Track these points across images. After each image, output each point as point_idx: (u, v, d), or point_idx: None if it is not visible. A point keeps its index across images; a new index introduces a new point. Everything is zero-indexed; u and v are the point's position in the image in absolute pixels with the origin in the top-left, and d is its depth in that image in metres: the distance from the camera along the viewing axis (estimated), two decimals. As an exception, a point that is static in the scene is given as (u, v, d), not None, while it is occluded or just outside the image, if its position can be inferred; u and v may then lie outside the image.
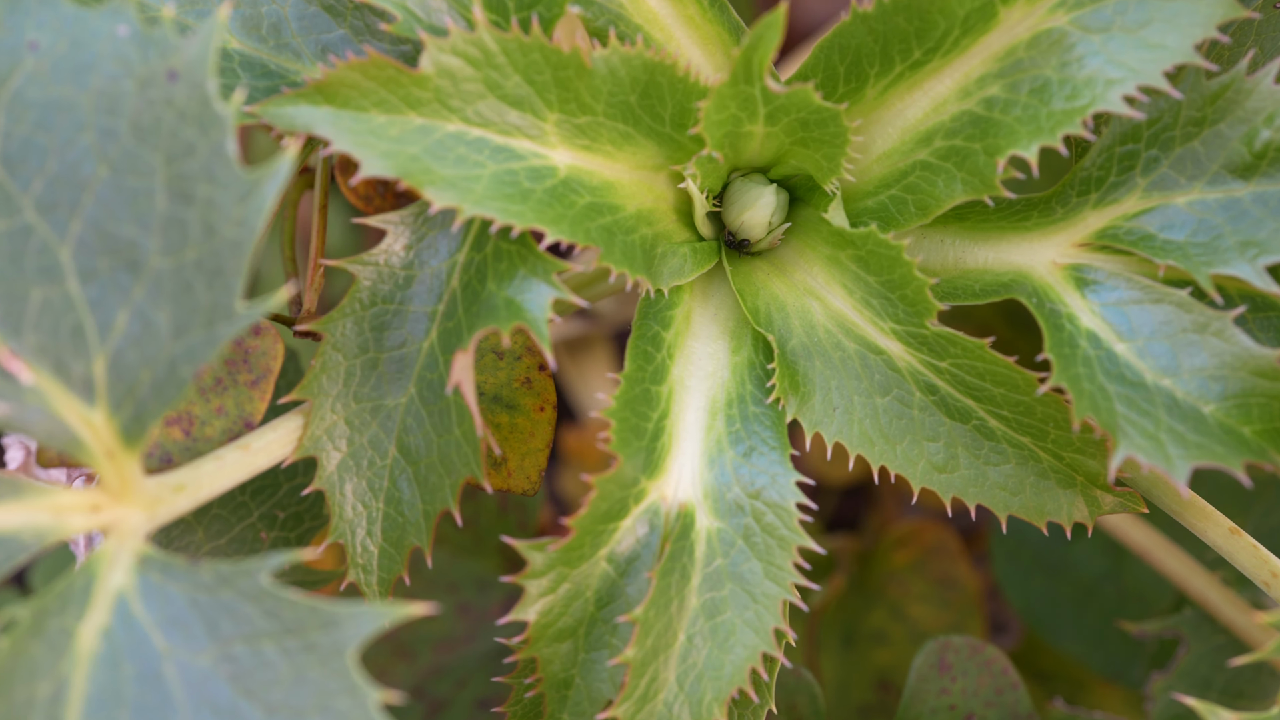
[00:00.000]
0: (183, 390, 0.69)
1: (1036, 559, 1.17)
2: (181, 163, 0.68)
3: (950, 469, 0.82)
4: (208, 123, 0.68)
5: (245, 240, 0.68)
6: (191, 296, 0.68)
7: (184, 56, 0.68)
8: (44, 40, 0.69)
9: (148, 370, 0.69)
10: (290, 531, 0.93)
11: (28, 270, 0.69)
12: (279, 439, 0.79)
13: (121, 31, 0.69)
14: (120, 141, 0.68)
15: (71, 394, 0.69)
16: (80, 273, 0.69)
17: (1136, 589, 1.15)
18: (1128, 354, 0.78)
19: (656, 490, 0.79)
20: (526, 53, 0.75)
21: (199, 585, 0.68)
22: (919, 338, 0.81)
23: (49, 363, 0.69)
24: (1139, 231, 0.79)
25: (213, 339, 0.68)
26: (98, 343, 0.69)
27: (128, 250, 0.69)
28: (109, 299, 0.69)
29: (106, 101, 0.69)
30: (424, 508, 0.80)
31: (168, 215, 0.68)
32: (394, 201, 0.94)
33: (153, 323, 0.69)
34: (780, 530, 0.80)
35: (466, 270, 0.79)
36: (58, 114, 0.69)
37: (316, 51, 0.81)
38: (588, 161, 0.78)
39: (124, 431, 0.69)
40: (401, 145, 0.74)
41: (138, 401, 0.69)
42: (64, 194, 0.69)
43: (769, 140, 0.81)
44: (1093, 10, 0.77)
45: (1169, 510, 0.84)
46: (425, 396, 0.79)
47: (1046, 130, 0.77)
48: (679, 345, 0.82)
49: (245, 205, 0.68)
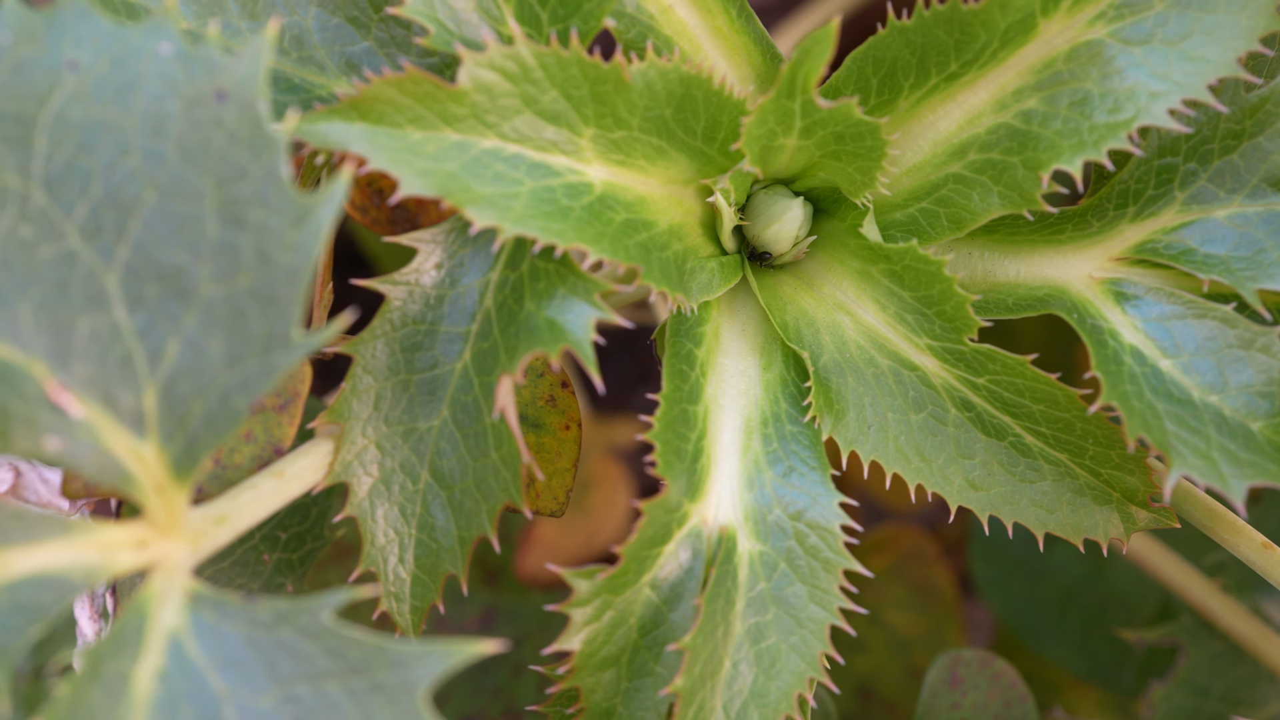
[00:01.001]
0: (237, 422, 0.66)
1: (1016, 563, 1.17)
2: (233, 186, 0.66)
3: (986, 486, 0.81)
4: (259, 145, 0.66)
5: (301, 267, 0.65)
6: (245, 325, 0.66)
7: (232, 75, 0.66)
8: (84, 59, 0.66)
9: (200, 401, 0.66)
10: (293, 553, 0.91)
11: (74, 298, 0.66)
12: (312, 465, 0.77)
13: (165, 49, 0.66)
14: (167, 164, 0.66)
15: (121, 427, 0.66)
16: (128, 300, 0.66)
17: (1119, 593, 1.15)
18: (1173, 370, 0.77)
19: (698, 514, 0.78)
20: (564, 67, 0.73)
21: (256, 624, 0.66)
22: (956, 354, 0.80)
23: (98, 394, 0.66)
24: (1179, 245, 0.79)
25: (269, 369, 0.66)
26: (147, 373, 0.66)
27: (177, 277, 0.66)
28: (158, 327, 0.66)
29: (151, 123, 0.66)
30: (459, 534, 0.78)
31: (219, 241, 0.66)
32: (389, 212, 0.92)
33: (205, 352, 0.66)
34: (824, 552, 0.79)
35: (501, 289, 0.77)
36: (101, 136, 0.66)
37: (341, 65, 0.78)
38: (622, 177, 0.77)
39: (175, 465, 0.67)
40: (439, 163, 0.72)
41: (189, 434, 0.66)
42: (109, 219, 0.66)
43: (799, 153, 0.79)
44: (1133, 22, 0.76)
45: (1197, 524, 0.83)
46: (459, 419, 0.77)
47: (1090, 144, 0.76)
48: (711, 363, 0.81)
49: (300, 231, 0.65)
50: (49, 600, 0.65)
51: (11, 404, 0.65)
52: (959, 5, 0.75)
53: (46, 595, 0.65)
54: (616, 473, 1.31)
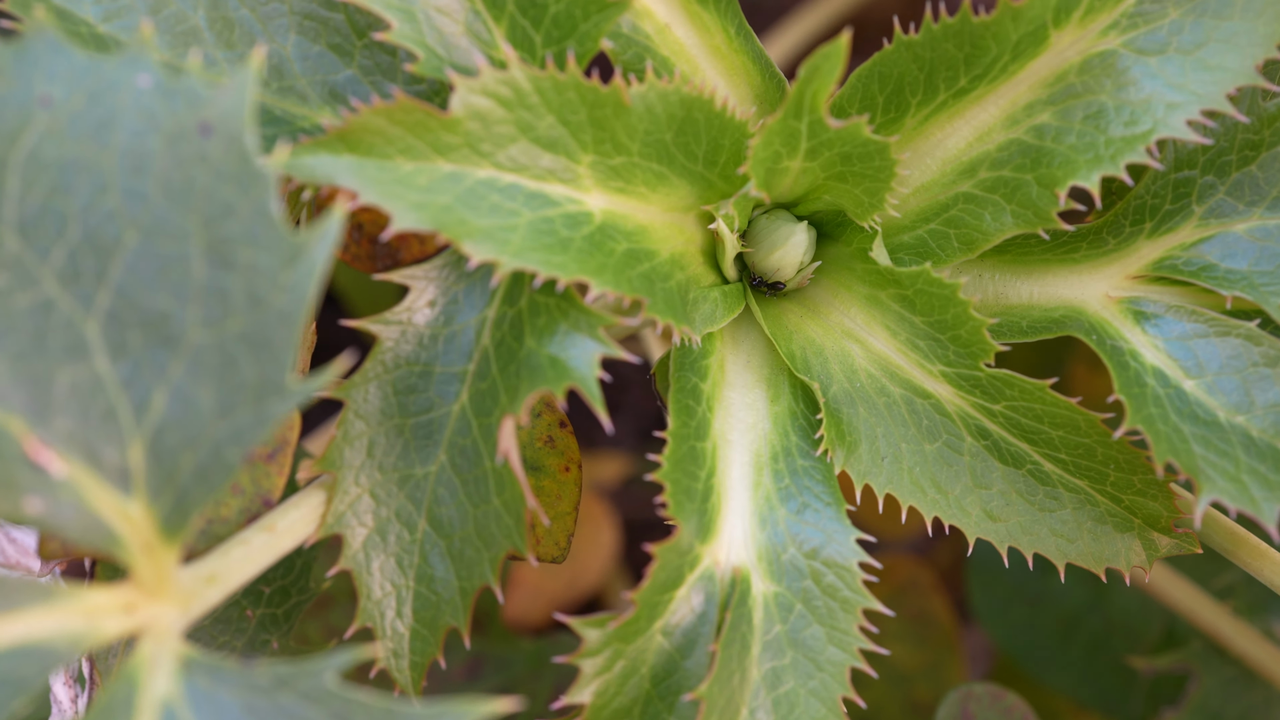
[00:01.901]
0: (230, 475, 0.62)
1: (1015, 591, 1.14)
2: (220, 225, 0.62)
3: (1004, 517, 0.78)
4: (247, 181, 0.62)
5: (295, 309, 0.62)
6: (236, 372, 0.62)
7: (217, 108, 0.62)
8: (57, 94, 0.62)
9: (190, 454, 0.62)
10: (277, 608, 0.87)
11: (52, 349, 0.62)
12: (303, 517, 0.73)
13: (143, 82, 0.62)
14: (149, 204, 0.62)
15: (106, 484, 0.62)
16: (110, 349, 0.62)
17: (1122, 619, 1.12)
18: (1197, 391, 0.74)
19: (709, 555, 0.74)
20: (561, 91, 0.70)
21: (254, 689, 0.62)
22: (972, 380, 0.77)
23: (80, 451, 0.62)
24: (1198, 261, 0.76)
25: (263, 418, 0.62)
26: (133, 426, 0.62)
27: (162, 323, 0.62)
28: (143, 377, 0.62)
29: (131, 160, 0.62)
30: (460, 584, 0.74)
31: (206, 283, 0.62)
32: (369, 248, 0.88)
33: (194, 402, 0.62)
34: (842, 591, 0.75)
35: (499, 327, 0.73)
36: (77, 175, 0.62)
37: (324, 95, 0.75)
38: (622, 205, 0.73)
39: (164, 523, 0.63)
40: (432, 195, 0.68)
41: (179, 489, 0.63)
42: (88, 263, 0.62)
43: (803, 176, 0.76)
44: (1147, 32, 0.74)
45: (1219, 549, 0.80)
46: (458, 464, 0.74)
47: (1107, 158, 0.73)
48: (717, 397, 0.77)
49: (293, 270, 0.62)
50: (32, 672, 0.61)
51: (-11, 463, 0.61)
52: (969, 18, 0.72)
53: (29, 667, 0.61)
54: (600, 511, 1.27)
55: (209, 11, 0.74)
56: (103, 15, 0.73)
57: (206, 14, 0.74)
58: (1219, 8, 0.73)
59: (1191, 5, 0.73)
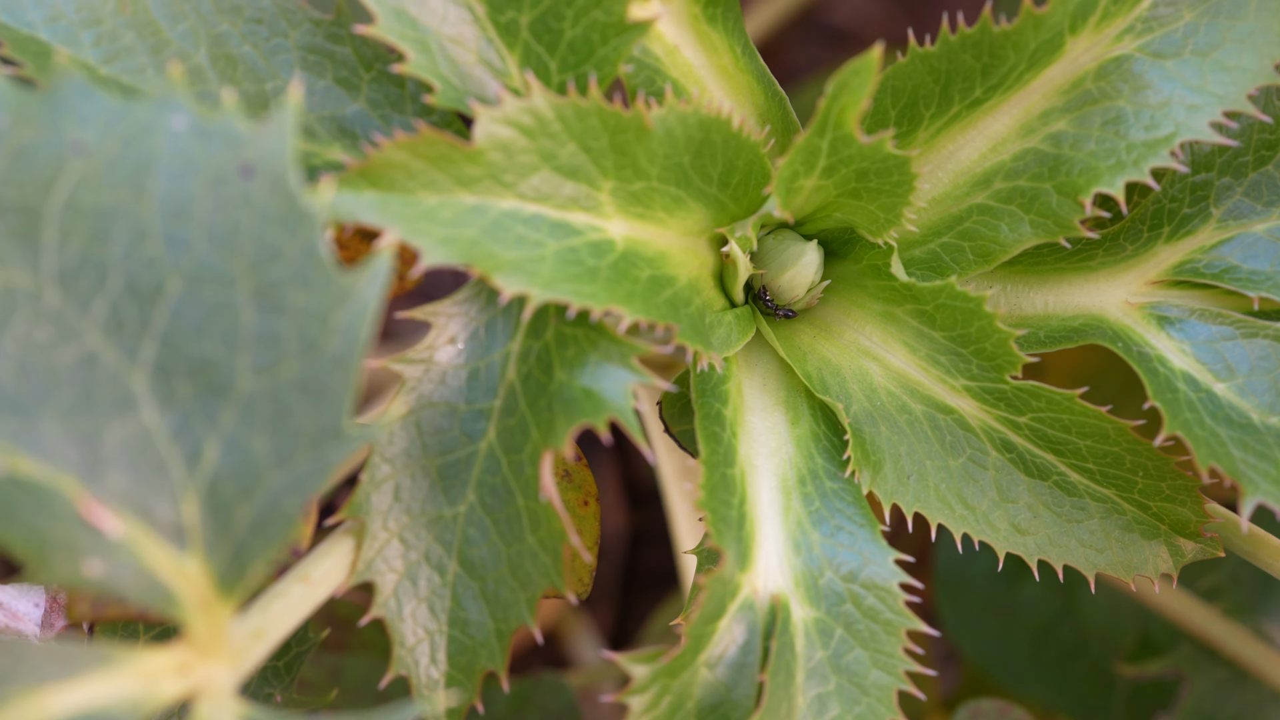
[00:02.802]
0: (289, 526, 0.60)
1: (985, 602, 1.13)
2: (267, 269, 0.60)
3: (1032, 530, 0.77)
4: (294, 221, 0.60)
5: (349, 352, 0.60)
6: (291, 419, 0.60)
7: (258, 148, 0.60)
8: (90, 139, 0.59)
9: (246, 506, 0.60)
10: (279, 660, 0.84)
11: (99, 404, 0.59)
12: (336, 566, 0.71)
13: (178, 124, 0.60)
14: (192, 250, 0.60)
15: (160, 541, 0.60)
16: (158, 401, 0.60)
17: (1095, 627, 1.12)
18: (1228, 394, 0.74)
19: (748, 584, 0.73)
20: (583, 118, 0.68)
21: (321, 747, 0.60)
22: (996, 394, 0.76)
23: (133, 508, 0.60)
24: (1220, 264, 0.76)
25: (321, 466, 0.60)
26: (185, 479, 0.60)
27: (212, 372, 0.60)
28: (194, 428, 0.60)
29: (171, 205, 0.60)
30: (495, 626, 0.72)
31: (256, 329, 0.60)
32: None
33: (248, 452, 0.60)
34: (884, 614, 0.74)
35: (524, 360, 0.71)
36: (115, 223, 0.59)
37: (333, 130, 0.73)
38: (642, 231, 0.72)
39: (221, 578, 0.61)
40: (458, 229, 0.66)
41: (236, 543, 0.60)
42: (131, 314, 0.60)
43: (815, 194, 0.75)
44: (1162, 35, 0.73)
45: (1239, 552, 0.80)
46: (488, 503, 0.72)
47: (1130, 164, 0.73)
48: (739, 422, 0.76)
49: (345, 312, 0.60)
50: (95, 741, 0.59)
51: (44, 527, 0.58)
52: (989, 27, 0.71)
53: (90, 735, 0.59)
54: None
55: (211, 50, 0.72)
56: (103, 58, 0.71)
57: (209, 52, 0.71)
58: (1233, 8, 0.73)
59: (1206, 6, 0.73)
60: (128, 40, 0.71)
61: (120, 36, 0.71)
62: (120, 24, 0.71)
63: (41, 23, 0.70)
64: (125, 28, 0.71)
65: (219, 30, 0.72)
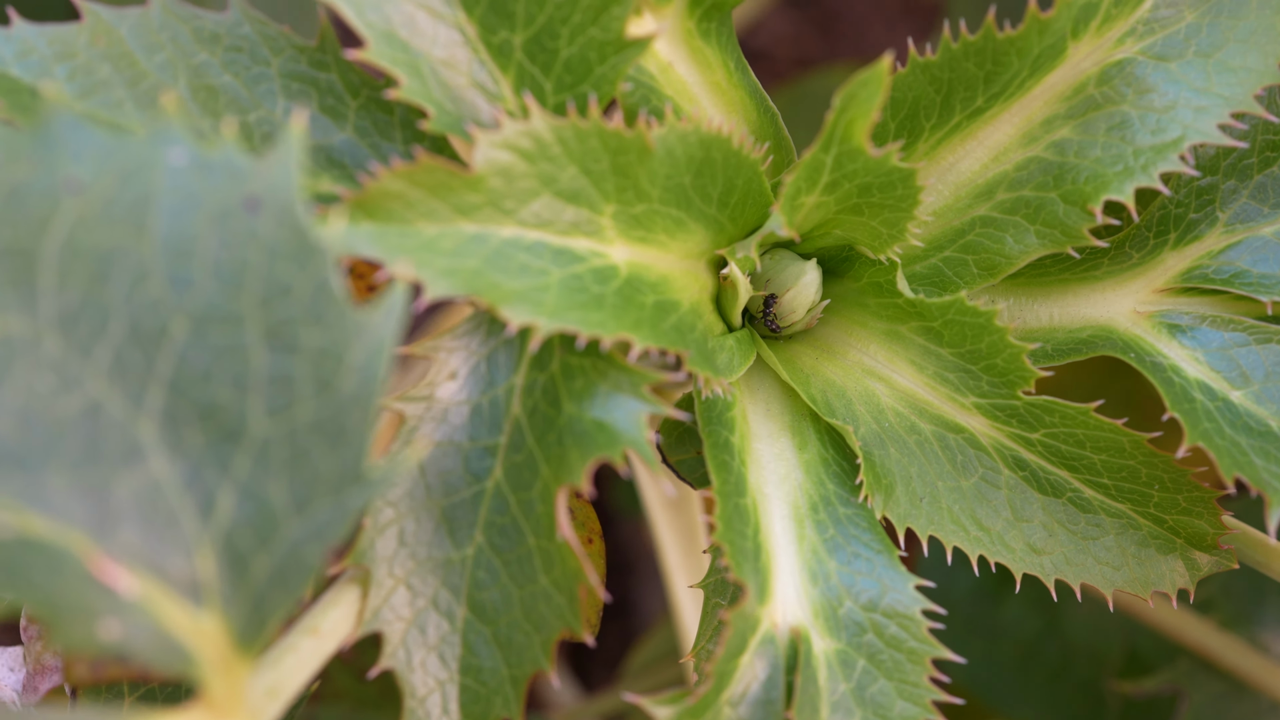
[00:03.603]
0: (309, 576, 0.57)
1: (968, 624, 1.12)
2: (278, 306, 0.57)
3: (1048, 549, 0.75)
4: (305, 256, 0.57)
5: (367, 391, 0.57)
6: (309, 463, 0.57)
7: (263, 180, 0.57)
8: (84, 176, 0.56)
9: (264, 557, 0.57)
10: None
11: (106, 455, 0.56)
12: (344, 616, 0.68)
13: (176, 159, 0.57)
14: (197, 289, 0.56)
15: (176, 597, 0.57)
16: (167, 449, 0.57)
17: (1081, 644, 1.11)
18: (1245, 402, 0.73)
19: (767, 617, 0.70)
20: (583, 140, 0.66)
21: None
22: (1008, 410, 0.74)
23: (146, 563, 0.56)
24: (1229, 268, 0.74)
25: (342, 511, 0.57)
26: (199, 531, 0.57)
27: (223, 417, 0.57)
28: (206, 477, 0.57)
29: (174, 243, 0.56)
30: (509, 672, 0.69)
31: (268, 370, 0.57)
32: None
33: (264, 500, 0.57)
34: (908, 642, 0.72)
35: (529, 394, 0.69)
36: (116, 264, 0.56)
37: (321, 160, 0.70)
38: (644, 255, 0.69)
39: (240, 635, 0.57)
40: (460, 259, 0.64)
41: (255, 597, 0.57)
42: (135, 359, 0.56)
43: (816, 211, 0.73)
44: (1164, 37, 0.72)
45: (1254, 564, 0.78)
46: (497, 544, 0.69)
47: (1139, 169, 0.71)
48: (747, 450, 0.74)
49: (361, 348, 0.57)
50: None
51: (56, 588, 0.55)
52: (993, 34, 0.70)
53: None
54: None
55: (190, 80, 0.68)
56: (79, 92, 0.67)
57: (188, 83, 0.68)
58: (1234, 7, 0.72)
59: (1207, 7, 0.72)
60: (103, 73, 0.68)
61: (95, 70, 0.67)
62: (94, 56, 0.68)
63: (12, 58, 0.67)
64: (100, 60, 0.68)
65: (198, 60, 0.69)
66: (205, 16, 0.69)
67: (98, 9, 0.68)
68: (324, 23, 0.69)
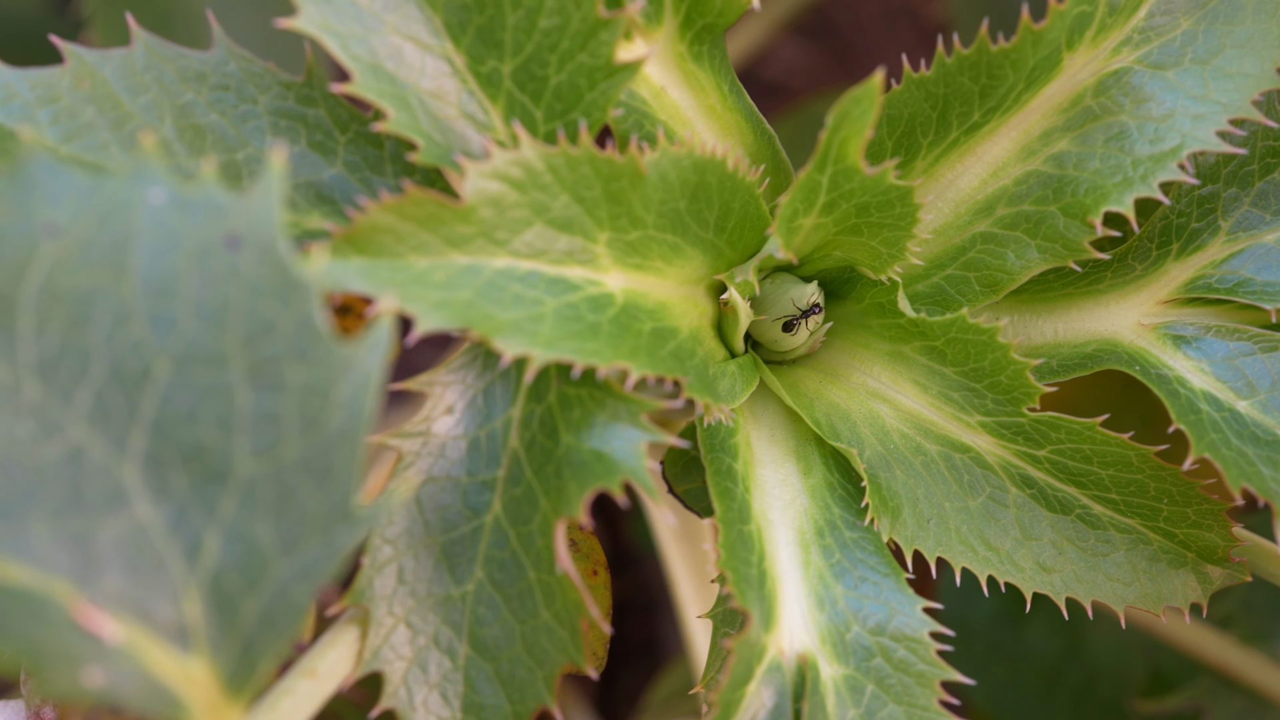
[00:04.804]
0: (299, 618, 0.56)
1: (991, 648, 1.10)
2: (261, 344, 0.56)
3: (1058, 567, 0.74)
4: (287, 292, 0.56)
5: (354, 427, 0.56)
6: (296, 502, 0.56)
7: (244, 217, 0.56)
8: (62, 219, 0.56)
9: (253, 599, 0.56)
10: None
11: (89, 501, 0.55)
12: (342, 657, 0.67)
13: (155, 198, 0.56)
14: (179, 330, 0.56)
15: (163, 643, 0.56)
16: (151, 493, 0.56)
17: (1105, 664, 1.09)
18: (1252, 411, 0.72)
19: (774, 645, 0.69)
20: (574, 167, 0.65)
21: None
22: (1014, 428, 0.73)
23: (132, 610, 0.56)
24: (1232, 277, 0.73)
25: (331, 550, 0.56)
26: (185, 575, 0.56)
27: (207, 458, 0.56)
28: (192, 520, 0.56)
29: (154, 283, 0.56)
30: (512, 709, 0.69)
31: (253, 409, 0.56)
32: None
33: (251, 541, 0.56)
34: (916, 665, 0.71)
35: (527, 426, 0.68)
36: (96, 306, 0.56)
37: (311, 198, 0.69)
38: (640, 282, 0.68)
39: (229, 679, 0.57)
40: (452, 291, 0.63)
41: (244, 640, 0.56)
42: (117, 402, 0.56)
43: (814, 233, 0.72)
44: (1160, 45, 0.71)
45: (1266, 575, 0.77)
46: (497, 579, 0.68)
47: (1138, 179, 0.70)
48: (751, 476, 0.73)
49: (347, 385, 0.56)
50: None
51: (39, 636, 0.54)
52: (987, 47, 0.69)
53: None
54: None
55: (176, 120, 0.68)
56: (63, 136, 0.67)
57: (174, 123, 0.68)
58: (1230, 12, 0.71)
59: (1202, 13, 0.71)
60: (88, 116, 0.67)
61: (80, 113, 0.67)
62: (78, 99, 0.67)
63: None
64: (84, 103, 0.67)
65: (184, 100, 0.68)
66: (190, 55, 0.68)
67: (80, 51, 0.68)
68: (310, 58, 0.69)
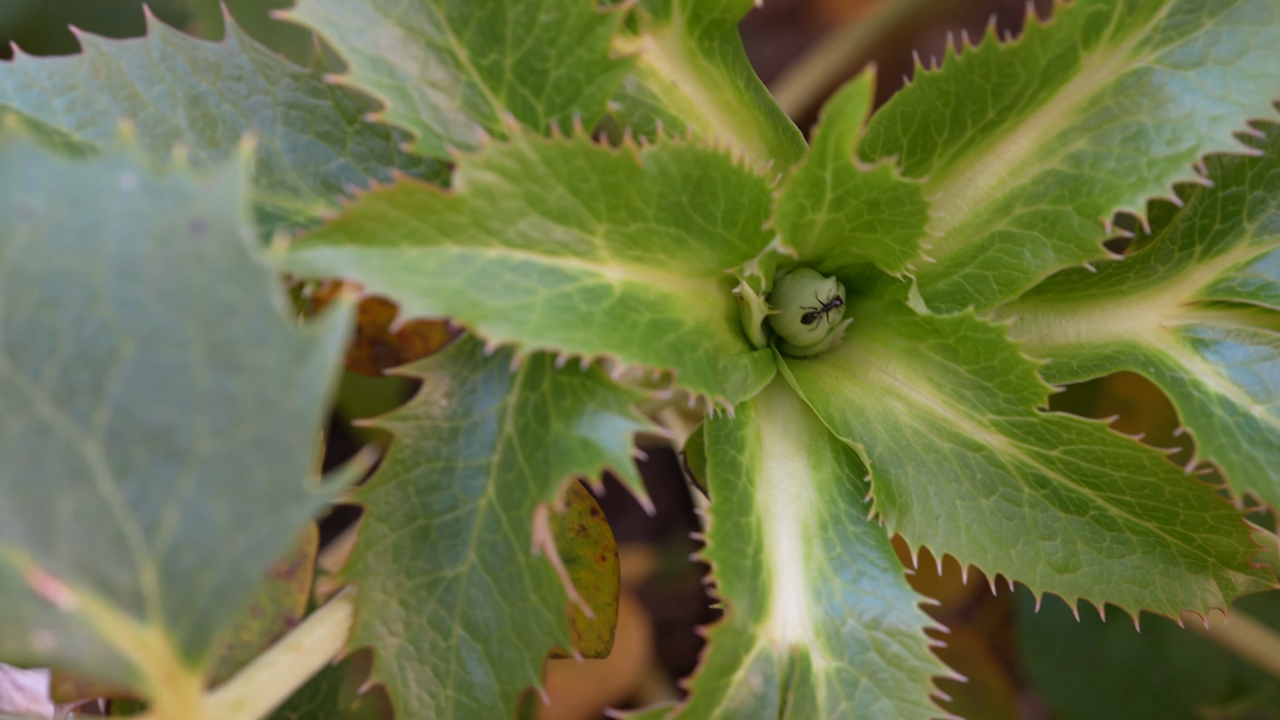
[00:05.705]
0: (251, 592, 0.58)
1: (1070, 653, 1.09)
2: (221, 327, 0.58)
3: (1072, 569, 0.74)
4: (247, 277, 0.58)
5: (308, 409, 0.57)
6: (250, 481, 0.58)
7: (208, 203, 0.58)
8: (36, 203, 0.58)
9: (207, 573, 0.58)
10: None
11: (51, 474, 0.58)
12: (330, 632, 0.69)
13: (127, 184, 0.58)
14: (144, 311, 0.58)
15: (120, 612, 0.58)
16: (113, 469, 0.58)
17: (1186, 671, 1.08)
18: (1267, 416, 0.70)
19: (765, 635, 0.70)
20: (569, 159, 0.66)
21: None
22: (1025, 427, 0.73)
23: (89, 579, 0.58)
24: (1255, 281, 0.72)
25: (282, 528, 0.58)
26: (144, 548, 0.58)
27: (167, 436, 0.58)
28: (151, 495, 0.58)
29: (121, 266, 0.58)
30: (501, 689, 0.70)
31: (212, 390, 0.58)
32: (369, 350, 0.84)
33: (207, 517, 0.58)
34: (909, 660, 0.71)
35: (521, 413, 0.69)
36: (65, 287, 0.58)
37: (317, 186, 0.71)
38: (641, 274, 0.69)
39: (184, 649, 0.58)
40: (441, 279, 0.64)
41: (198, 611, 0.58)
42: (83, 380, 0.58)
43: (829, 228, 0.72)
44: (1182, 45, 0.70)
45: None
46: (489, 562, 0.69)
47: (1152, 180, 0.69)
48: (756, 468, 0.73)
49: (304, 368, 0.57)
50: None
51: (-7, 602, 0.57)
52: (995, 45, 0.68)
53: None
54: (625, 608, 1.23)
55: (189, 110, 0.70)
56: (76, 124, 0.69)
57: (186, 113, 0.70)
58: (1256, 12, 0.69)
59: (1227, 13, 0.70)
60: (102, 104, 0.69)
61: (94, 101, 0.69)
62: (94, 88, 0.70)
63: (14, 91, 0.69)
64: (99, 91, 0.70)
65: (197, 90, 0.70)
66: (203, 46, 0.70)
67: (98, 41, 0.70)
68: (318, 49, 0.70)
